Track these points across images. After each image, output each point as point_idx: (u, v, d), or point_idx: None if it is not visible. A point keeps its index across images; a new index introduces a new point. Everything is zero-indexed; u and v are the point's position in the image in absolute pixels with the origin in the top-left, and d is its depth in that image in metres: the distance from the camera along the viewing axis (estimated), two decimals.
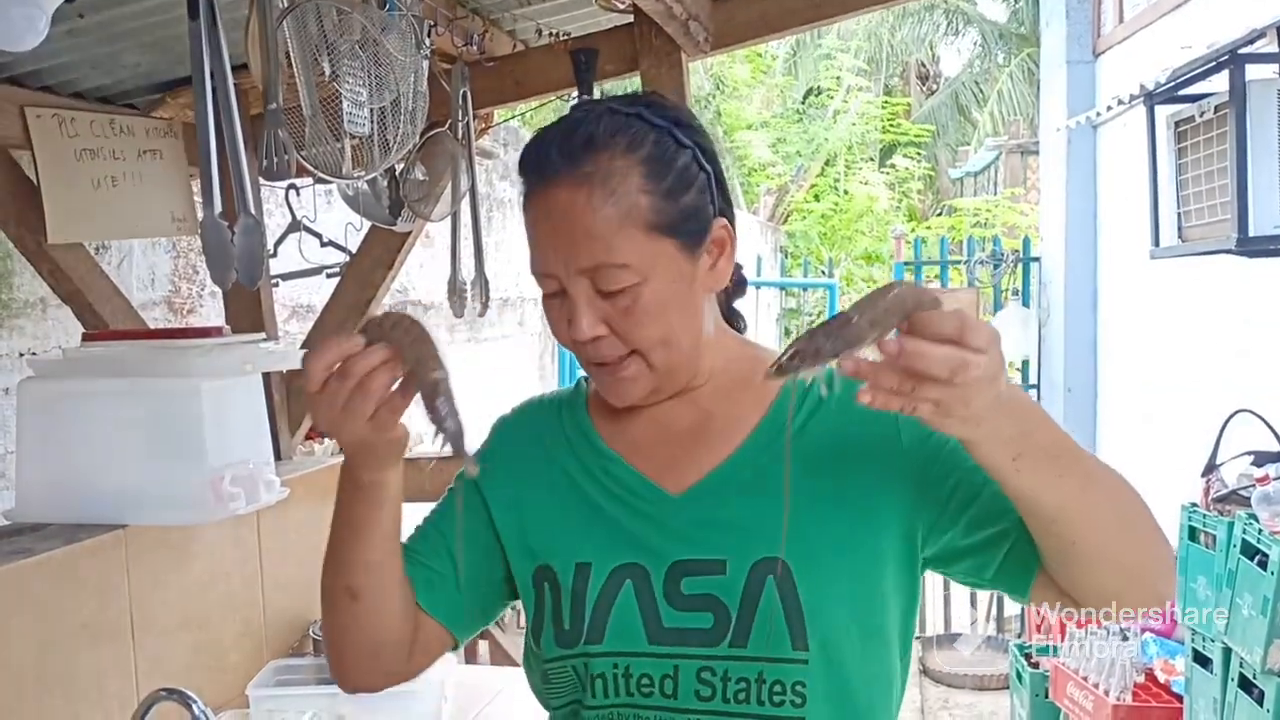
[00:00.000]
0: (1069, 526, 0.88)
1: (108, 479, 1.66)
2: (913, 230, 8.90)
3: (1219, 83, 3.03)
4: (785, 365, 0.78)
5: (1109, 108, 4.33)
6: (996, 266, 5.61)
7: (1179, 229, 3.33)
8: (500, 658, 4.24)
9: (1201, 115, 3.08)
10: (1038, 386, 5.66)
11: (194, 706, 1.32)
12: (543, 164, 0.96)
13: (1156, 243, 3.54)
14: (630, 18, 2.28)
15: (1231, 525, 2.79)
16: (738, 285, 1.11)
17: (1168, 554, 0.97)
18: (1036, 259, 5.63)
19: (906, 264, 5.80)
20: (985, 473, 0.86)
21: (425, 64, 1.88)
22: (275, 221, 2.54)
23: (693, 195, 0.97)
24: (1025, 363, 5.65)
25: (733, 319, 1.12)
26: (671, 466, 1.03)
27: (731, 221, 1.03)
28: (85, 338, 1.82)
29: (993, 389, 0.77)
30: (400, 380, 0.90)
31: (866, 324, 0.77)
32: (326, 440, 3.11)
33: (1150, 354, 4.76)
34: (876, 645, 1.00)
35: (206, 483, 1.66)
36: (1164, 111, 3.43)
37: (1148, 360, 4.79)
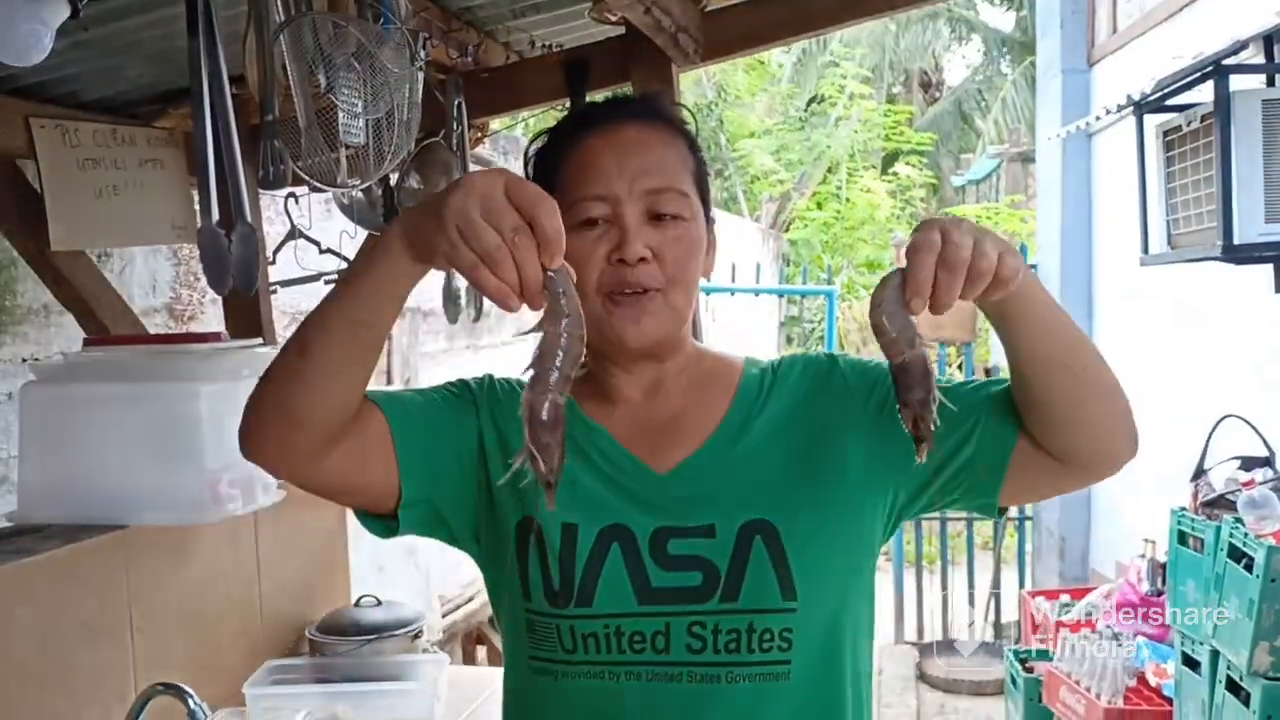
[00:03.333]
0: (1069, 373, 1.01)
1: (108, 481, 1.70)
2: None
3: (1205, 93, 3.07)
4: (922, 432, 0.89)
5: (1098, 117, 4.36)
6: None
7: (1168, 236, 3.37)
8: (498, 660, 4.27)
9: (1189, 125, 3.12)
10: None
11: (189, 701, 1.36)
12: (615, 109, 1.09)
13: (1146, 250, 3.57)
14: (622, 29, 2.32)
15: (1219, 529, 2.82)
16: None
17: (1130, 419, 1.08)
18: (1034, 266, 5.65)
19: None
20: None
21: (420, 76, 1.92)
22: (275, 229, 2.58)
23: (707, 183, 1.10)
24: None
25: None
26: (654, 451, 1.08)
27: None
28: (86, 343, 1.86)
29: (994, 247, 0.86)
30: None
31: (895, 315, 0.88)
32: None
33: (1141, 360, 4.78)
34: (855, 589, 1.08)
35: (205, 484, 1.70)
36: (1153, 121, 3.47)
37: (1139, 366, 4.81)
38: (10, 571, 1.49)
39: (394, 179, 2.13)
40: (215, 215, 1.40)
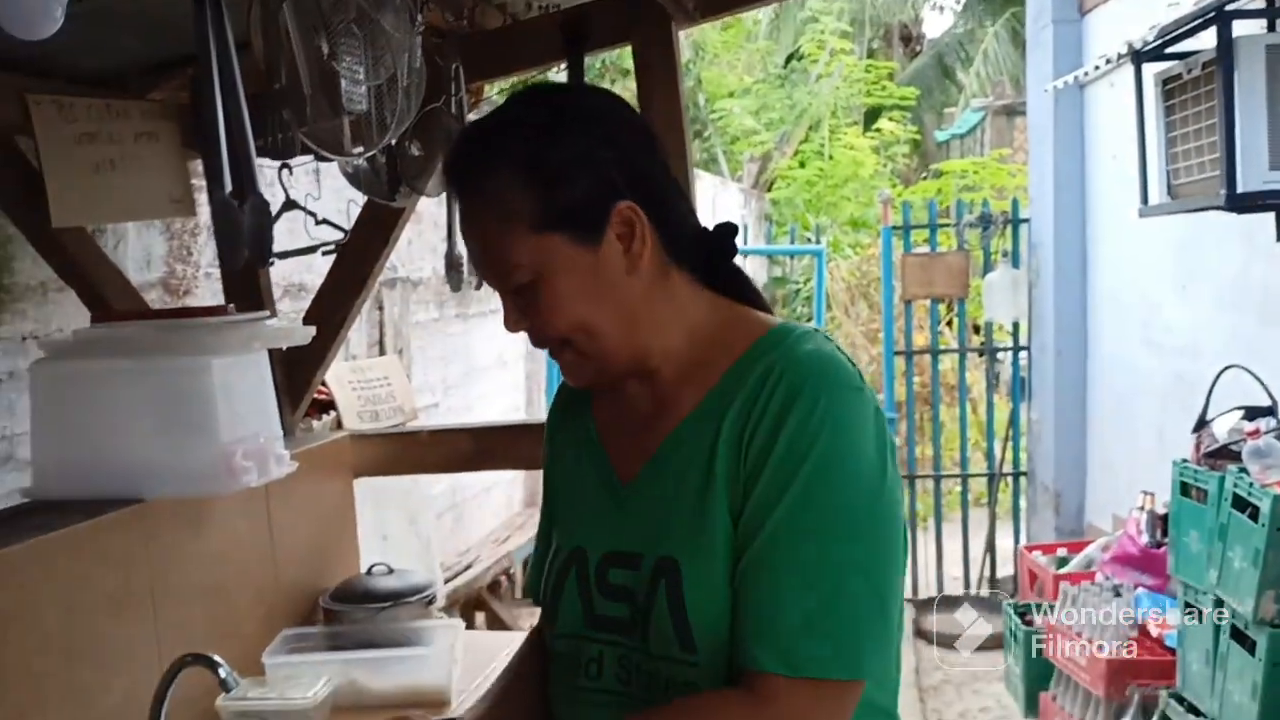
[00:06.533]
0: None
1: (123, 455, 1.70)
2: (899, 195, 8.88)
3: (1206, 39, 3.04)
4: None
5: (1096, 67, 4.34)
6: (985, 229, 5.63)
7: (1168, 187, 3.36)
8: (498, 626, 4.30)
9: (1189, 73, 3.10)
10: (1028, 349, 5.70)
11: (220, 670, 1.36)
12: (448, 185, 1.07)
13: (1145, 201, 3.57)
14: None
15: (1223, 479, 2.85)
16: (722, 246, 1.11)
17: None
18: (1025, 220, 5.65)
19: (894, 228, 5.81)
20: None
21: (419, 40, 1.89)
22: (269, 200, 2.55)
23: (580, 186, 0.99)
24: (1016, 325, 5.68)
25: (732, 279, 1.12)
26: (628, 451, 1.08)
27: (658, 198, 1.03)
28: (95, 319, 1.84)
29: None
30: None
31: None
32: (325, 416, 3.15)
33: (1140, 313, 4.80)
34: None
35: (219, 457, 1.70)
36: (1151, 69, 3.44)
37: (1137, 319, 4.84)
38: (34, 547, 1.48)
39: (395, 146, 2.10)
40: (228, 186, 1.38)
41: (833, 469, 0.94)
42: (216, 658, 1.39)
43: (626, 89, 10.96)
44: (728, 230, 1.11)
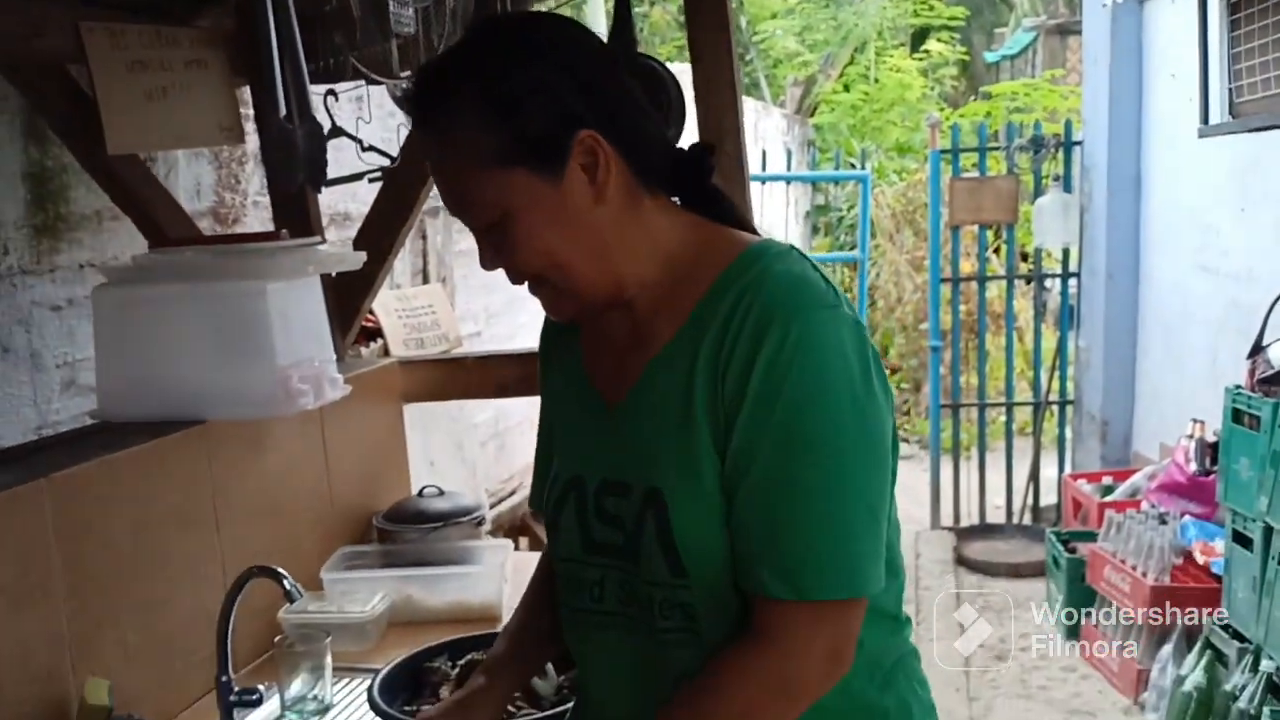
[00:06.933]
0: None
1: (183, 378, 1.74)
2: (948, 118, 8.67)
3: None
4: None
5: None
6: (1037, 152, 5.49)
7: (1230, 106, 3.26)
8: (540, 550, 4.38)
9: None
10: (1078, 275, 5.60)
11: (285, 582, 1.42)
12: (414, 115, 1.03)
13: (1205, 121, 3.47)
14: None
15: (1276, 406, 2.81)
16: (698, 166, 1.08)
17: None
18: (1079, 143, 5.50)
19: (943, 152, 5.68)
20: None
21: None
22: None
23: (538, 118, 0.97)
24: (1066, 252, 5.58)
25: (712, 198, 1.10)
26: (612, 376, 1.08)
27: (623, 125, 1.00)
28: (153, 245, 1.87)
29: None
30: None
31: None
32: (372, 344, 3.19)
33: (1196, 237, 4.69)
34: None
35: (276, 380, 1.73)
36: None
37: (1192, 244, 4.73)
38: (103, 465, 1.53)
39: None
40: (283, 110, 1.39)
41: (812, 395, 0.94)
42: (281, 570, 1.44)
43: (665, 12, 10.76)
44: (702, 150, 1.09)
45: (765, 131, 8.83)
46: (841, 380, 0.94)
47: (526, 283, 1.03)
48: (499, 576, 2.06)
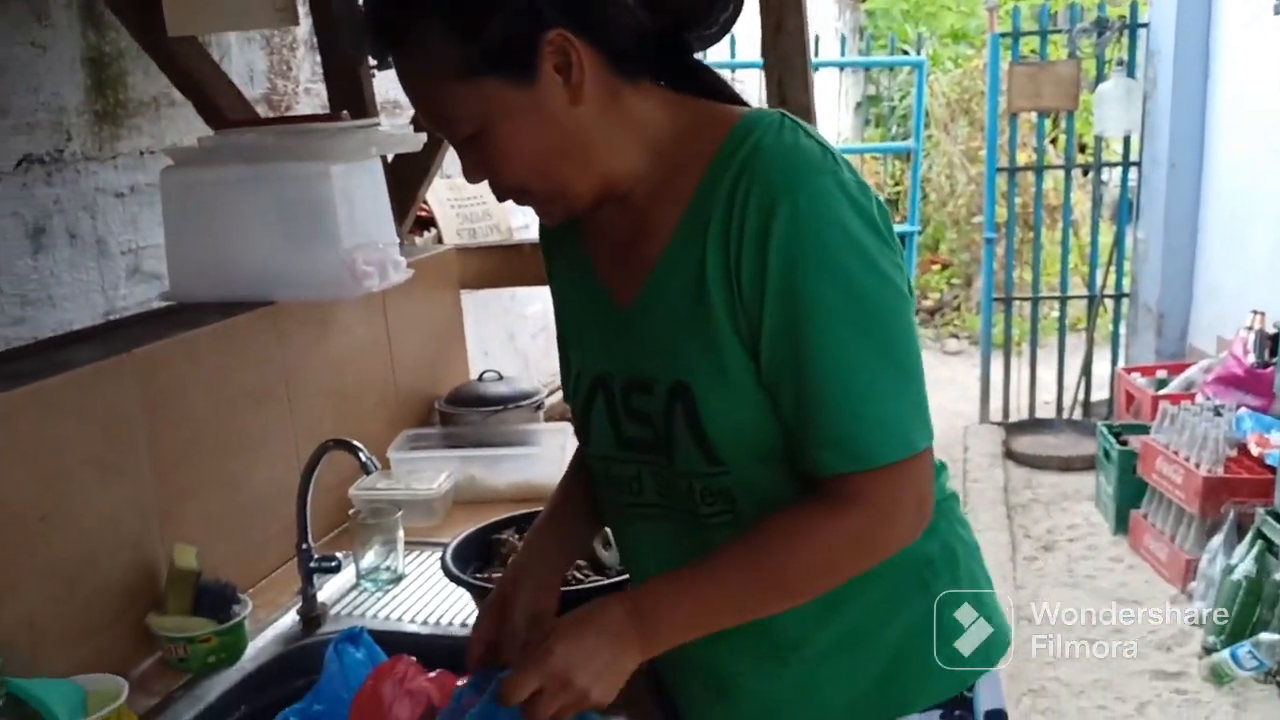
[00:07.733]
0: (755, 614, 1.02)
1: (251, 259, 1.77)
2: (1006, 1, 8.34)
3: None
4: None
5: None
6: (1100, 35, 5.27)
7: None
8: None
9: None
10: (1139, 164, 5.44)
11: (360, 454, 1.46)
12: (372, 46, 0.98)
13: None
14: None
15: None
16: (674, 45, 1.04)
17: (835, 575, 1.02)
18: (1144, 25, 5.28)
19: (1002, 35, 5.49)
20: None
21: None
22: None
23: (502, 23, 0.92)
24: (1126, 141, 5.41)
25: (695, 75, 1.06)
26: (620, 275, 1.07)
27: (593, 18, 0.96)
28: (216, 127, 1.88)
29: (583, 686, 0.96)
30: None
31: None
32: (426, 233, 3.20)
33: (1264, 123, 4.52)
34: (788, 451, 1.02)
35: (341, 261, 1.75)
36: None
37: (1261, 131, 4.57)
38: (180, 342, 1.58)
39: None
40: None
41: (830, 269, 0.93)
42: (356, 443, 1.48)
43: None
44: (675, 26, 1.03)
45: (817, 17, 8.55)
46: (855, 244, 0.93)
47: (511, 199, 1.01)
48: (559, 459, 2.10)
